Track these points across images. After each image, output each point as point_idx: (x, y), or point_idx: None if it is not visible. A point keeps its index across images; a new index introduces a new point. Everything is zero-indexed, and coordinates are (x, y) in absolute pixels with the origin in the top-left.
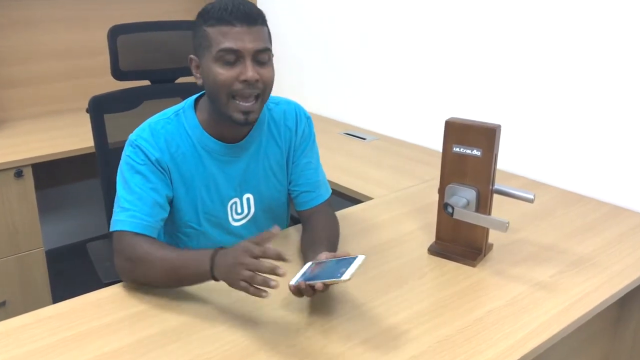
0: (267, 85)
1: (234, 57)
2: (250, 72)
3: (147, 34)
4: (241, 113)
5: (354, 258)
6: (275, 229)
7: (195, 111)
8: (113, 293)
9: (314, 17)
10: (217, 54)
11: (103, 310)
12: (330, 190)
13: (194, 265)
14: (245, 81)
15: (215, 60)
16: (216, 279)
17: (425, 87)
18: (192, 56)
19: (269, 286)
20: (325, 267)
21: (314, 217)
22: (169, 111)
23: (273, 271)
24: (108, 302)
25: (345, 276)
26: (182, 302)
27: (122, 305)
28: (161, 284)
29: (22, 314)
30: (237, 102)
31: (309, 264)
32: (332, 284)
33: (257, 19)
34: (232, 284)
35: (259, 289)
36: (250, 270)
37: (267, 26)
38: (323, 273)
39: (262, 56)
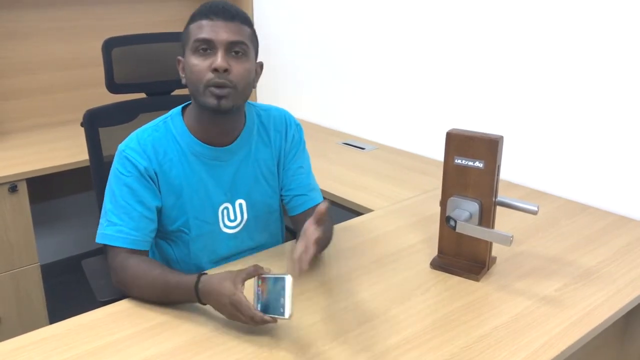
0: (239, 79)
1: (207, 47)
2: (219, 60)
3: (142, 46)
4: (214, 97)
5: (283, 280)
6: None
7: (183, 117)
8: (109, 313)
9: (312, 25)
10: (193, 44)
11: (99, 332)
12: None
13: (181, 293)
14: (215, 70)
15: (192, 52)
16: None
17: (424, 95)
18: (179, 57)
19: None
20: (268, 290)
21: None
22: (157, 120)
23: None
24: (104, 322)
25: (286, 314)
26: (180, 321)
27: (118, 326)
28: (157, 303)
29: (17, 331)
30: (211, 89)
31: (255, 279)
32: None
33: (235, 15)
34: (223, 314)
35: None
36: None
37: (249, 27)
38: (268, 301)
39: (237, 49)
